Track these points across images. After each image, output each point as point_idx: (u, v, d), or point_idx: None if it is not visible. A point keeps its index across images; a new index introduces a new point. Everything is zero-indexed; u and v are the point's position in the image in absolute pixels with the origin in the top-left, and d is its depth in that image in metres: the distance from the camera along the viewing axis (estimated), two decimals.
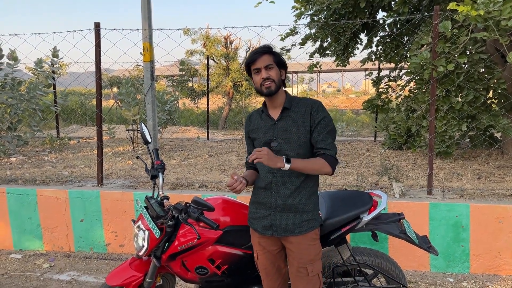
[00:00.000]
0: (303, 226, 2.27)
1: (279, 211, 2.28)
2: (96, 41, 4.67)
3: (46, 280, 4.03)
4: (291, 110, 2.28)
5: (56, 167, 6.31)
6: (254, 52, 2.27)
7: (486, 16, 3.79)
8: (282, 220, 2.28)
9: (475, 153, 6.74)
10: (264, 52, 2.25)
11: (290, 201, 2.26)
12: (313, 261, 2.30)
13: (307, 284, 2.31)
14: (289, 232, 2.28)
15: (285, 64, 2.31)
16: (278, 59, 2.28)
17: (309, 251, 2.29)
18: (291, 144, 2.25)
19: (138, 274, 2.72)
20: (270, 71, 2.24)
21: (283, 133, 2.26)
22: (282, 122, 2.28)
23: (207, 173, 5.70)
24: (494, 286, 3.72)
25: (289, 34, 7.37)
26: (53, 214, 4.63)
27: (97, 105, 4.88)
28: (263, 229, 2.34)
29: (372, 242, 3.91)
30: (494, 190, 4.47)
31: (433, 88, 4.22)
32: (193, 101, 19.98)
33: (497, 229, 3.88)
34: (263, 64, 2.23)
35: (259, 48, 2.28)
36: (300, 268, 2.30)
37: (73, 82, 8.28)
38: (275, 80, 2.24)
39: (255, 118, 2.43)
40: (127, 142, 9.15)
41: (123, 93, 8.08)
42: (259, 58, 2.24)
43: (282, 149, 2.25)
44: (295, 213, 2.27)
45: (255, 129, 2.39)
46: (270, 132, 2.30)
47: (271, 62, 2.24)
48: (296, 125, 2.25)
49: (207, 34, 17.45)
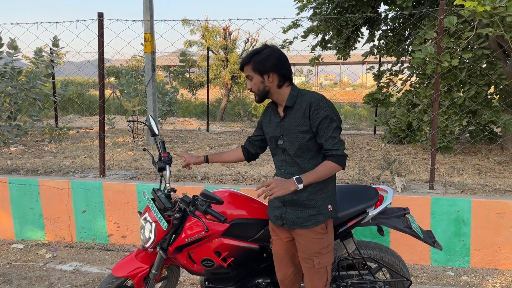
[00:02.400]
0: (310, 221, 2.32)
1: (289, 205, 2.34)
2: (99, 31, 4.64)
3: (49, 270, 4.04)
4: (294, 109, 2.27)
5: (57, 158, 6.30)
6: (240, 63, 2.33)
7: (492, 12, 3.79)
8: (290, 213, 2.34)
9: (475, 148, 6.77)
10: (243, 64, 2.29)
11: (297, 197, 2.29)
12: (320, 254, 2.33)
13: (314, 275, 2.36)
14: (297, 225, 2.34)
15: (267, 67, 2.22)
16: (255, 66, 2.24)
17: (316, 244, 2.33)
18: (293, 142, 2.26)
19: (144, 265, 2.73)
20: (251, 81, 2.29)
21: (287, 131, 2.28)
22: (286, 120, 2.30)
23: (209, 165, 5.70)
24: (493, 280, 3.76)
25: (291, 27, 7.35)
26: (55, 204, 4.63)
27: (99, 96, 4.86)
28: (274, 219, 2.44)
29: (374, 236, 3.94)
30: (495, 186, 4.50)
31: (437, 83, 4.23)
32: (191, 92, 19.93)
33: (498, 224, 3.91)
34: (245, 74, 2.31)
35: (243, 58, 2.31)
36: (307, 260, 2.36)
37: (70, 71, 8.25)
38: (256, 91, 2.28)
39: (269, 112, 2.44)
40: (127, 133, 9.13)
41: (123, 84, 8.04)
42: (243, 70, 2.30)
43: (286, 147, 2.29)
44: (302, 207, 2.31)
45: (267, 123, 2.44)
46: (278, 129, 2.33)
47: (249, 73, 2.27)
48: (296, 124, 2.25)
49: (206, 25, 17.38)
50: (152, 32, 7.33)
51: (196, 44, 18.26)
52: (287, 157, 2.32)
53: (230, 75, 17.54)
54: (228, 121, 16.26)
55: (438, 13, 4.00)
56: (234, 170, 5.41)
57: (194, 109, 19.16)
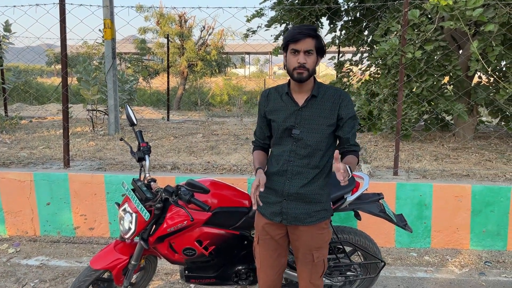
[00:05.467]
0: (314, 217, 2.22)
1: (291, 199, 2.20)
2: (61, 17, 4.44)
3: (13, 265, 3.88)
4: (318, 99, 2.17)
5: (12, 149, 6.00)
6: (299, 31, 2.07)
7: (453, 6, 4.00)
8: (293, 209, 2.20)
9: (430, 136, 7.13)
10: (309, 34, 2.06)
11: (303, 191, 2.18)
12: (320, 248, 2.28)
13: (312, 269, 2.30)
14: (300, 221, 2.21)
15: (324, 51, 2.16)
16: (320, 44, 2.11)
17: (317, 239, 2.26)
18: (313, 133, 2.16)
19: (123, 257, 2.71)
20: (308, 57, 2.08)
21: (307, 121, 2.16)
22: (307, 109, 2.17)
23: (176, 155, 5.65)
24: (453, 259, 4.02)
25: (255, 16, 7.36)
26: (16, 197, 4.43)
27: (63, 84, 4.66)
28: (271, 215, 2.25)
29: (343, 220, 4.08)
30: (452, 171, 4.78)
31: (401, 73, 4.42)
32: (145, 80, 19.44)
33: (456, 207, 4.17)
34: (304, 47, 2.06)
35: (304, 28, 2.08)
36: (306, 254, 2.28)
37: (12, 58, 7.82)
38: (310, 69, 2.10)
39: (274, 98, 2.27)
40: (84, 122, 8.82)
41: (81, 71, 7.74)
42: (302, 40, 2.06)
43: (304, 137, 2.16)
44: (307, 203, 2.20)
45: (274, 111, 2.24)
46: (292, 118, 2.18)
47: (312, 48, 2.08)
48: (322, 116, 2.16)
49: (161, 12, 16.98)
50: (112, 18, 7.10)
51: (151, 31, 17.83)
52: (299, 149, 2.17)
53: (187, 63, 17.28)
54: (185, 110, 16.04)
55: (403, 6, 4.16)
56: (203, 160, 5.39)
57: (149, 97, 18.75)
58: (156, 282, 3.56)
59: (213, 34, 18.34)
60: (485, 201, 4.15)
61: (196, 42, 17.85)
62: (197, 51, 17.45)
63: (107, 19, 7.00)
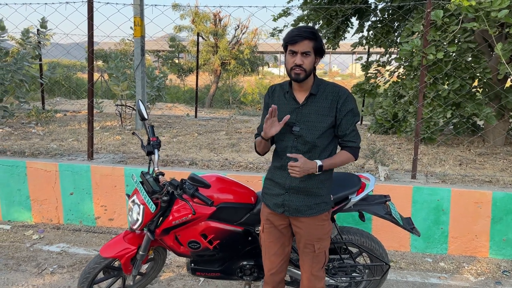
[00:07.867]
0: (314, 209, 2.31)
1: (293, 192, 2.30)
2: (89, 14, 4.62)
3: (36, 250, 4.08)
4: (317, 96, 2.25)
5: (44, 140, 6.28)
6: (297, 33, 2.13)
7: (477, 7, 3.88)
8: (294, 201, 2.30)
9: (458, 140, 6.93)
10: (306, 37, 2.12)
11: (304, 184, 2.28)
12: (321, 239, 2.37)
13: (313, 259, 2.40)
14: (300, 213, 2.32)
15: (323, 52, 2.22)
16: (318, 45, 2.17)
17: (318, 230, 2.36)
18: (312, 130, 2.23)
19: (132, 247, 2.81)
20: (305, 58, 2.14)
21: (307, 119, 2.24)
22: (307, 107, 2.25)
23: (196, 151, 5.75)
24: (469, 267, 3.92)
25: (282, 15, 7.37)
26: (42, 186, 4.65)
27: (88, 79, 4.85)
28: (274, 206, 2.37)
29: (357, 222, 4.05)
30: (474, 176, 4.64)
31: (422, 75, 4.33)
32: (179, 77, 19.82)
33: (476, 213, 4.05)
34: (301, 49, 2.13)
35: (302, 31, 2.14)
36: (307, 245, 2.38)
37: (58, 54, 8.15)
38: (306, 69, 2.16)
39: (278, 95, 2.35)
40: (114, 117, 9.10)
41: (112, 68, 8.00)
42: (299, 42, 2.12)
43: (303, 134, 2.24)
44: (307, 195, 2.30)
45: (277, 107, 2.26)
46: (293, 115, 2.25)
47: (309, 50, 2.14)
48: (320, 113, 2.23)
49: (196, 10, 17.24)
50: (142, 17, 7.29)
51: (186, 29, 18.13)
52: (299, 145, 2.26)
53: (220, 62, 17.48)
54: (217, 107, 16.25)
55: (426, 6, 4.07)
56: (222, 156, 5.47)
57: (182, 95, 19.09)
58: (168, 274, 3.65)
59: (247, 33, 18.49)
60: (506, 208, 4.01)
61: (229, 40, 18.02)
62: (230, 50, 17.63)
63: (137, 17, 7.19)
